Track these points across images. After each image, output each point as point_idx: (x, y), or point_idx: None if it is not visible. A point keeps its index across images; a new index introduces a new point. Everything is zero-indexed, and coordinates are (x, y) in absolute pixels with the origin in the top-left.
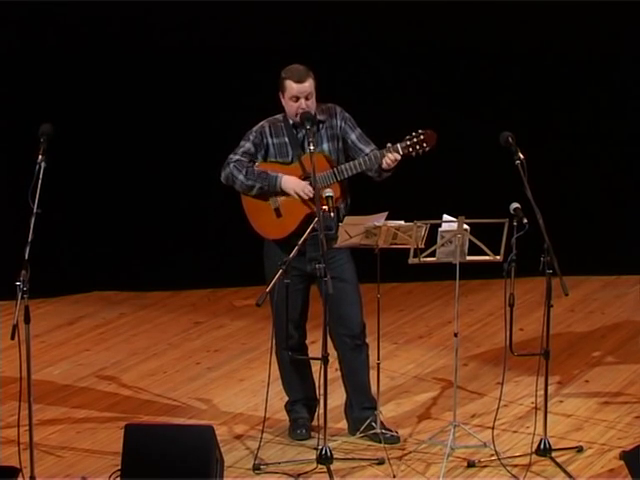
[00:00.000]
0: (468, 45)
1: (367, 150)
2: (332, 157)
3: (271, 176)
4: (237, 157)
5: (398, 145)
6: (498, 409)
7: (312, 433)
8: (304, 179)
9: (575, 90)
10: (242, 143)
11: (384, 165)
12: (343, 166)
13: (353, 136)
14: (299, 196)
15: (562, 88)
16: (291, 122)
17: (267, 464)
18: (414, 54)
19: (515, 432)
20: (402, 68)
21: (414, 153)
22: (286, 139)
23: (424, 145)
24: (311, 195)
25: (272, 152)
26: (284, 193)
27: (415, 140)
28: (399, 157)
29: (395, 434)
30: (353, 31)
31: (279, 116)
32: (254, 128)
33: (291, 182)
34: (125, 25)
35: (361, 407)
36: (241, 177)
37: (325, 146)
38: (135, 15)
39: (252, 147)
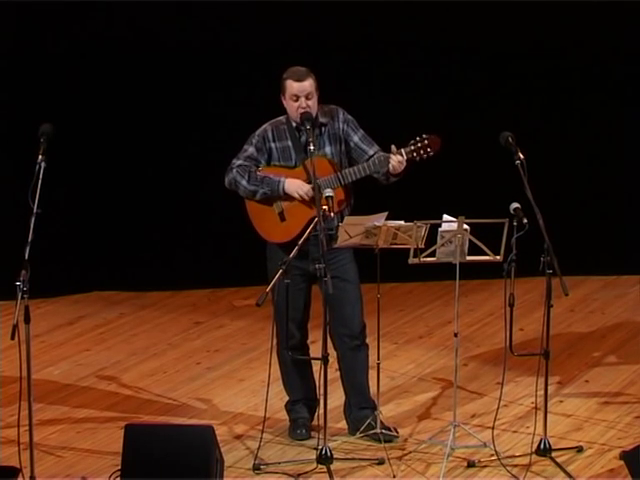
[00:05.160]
0: (468, 45)
1: (371, 152)
2: (335, 160)
3: (274, 180)
4: (240, 162)
5: (402, 150)
6: (498, 409)
7: (312, 433)
8: (308, 183)
9: (575, 90)
10: (245, 147)
11: (391, 169)
12: (347, 170)
13: (356, 138)
14: (302, 198)
15: (562, 88)
16: (294, 125)
17: (267, 464)
18: (414, 54)
19: (515, 432)
20: (402, 68)
21: (418, 158)
22: (289, 143)
23: (428, 150)
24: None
25: (275, 156)
26: (287, 197)
27: (419, 145)
28: (403, 160)
29: (394, 433)
30: (353, 32)
31: (282, 118)
32: (257, 132)
33: (294, 185)
34: (125, 25)
35: (359, 407)
36: (244, 182)
37: (328, 149)
38: (135, 15)
39: (255, 151)
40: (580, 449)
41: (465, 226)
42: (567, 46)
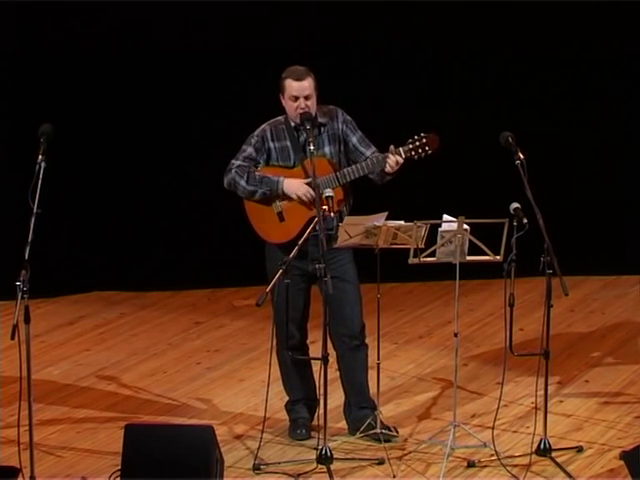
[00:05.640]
0: (468, 45)
1: (368, 153)
2: (334, 161)
3: (273, 180)
4: (239, 162)
5: (400, 149)
6: (498, 409)
7: (312, 433)
8: (307, 183)
9: (575, 90)
10: (244, 147)
11: (387, 169)
12: (346, 170)
13: (354, 139)
14: (301, 199)
15: (562, 88)
16: (292, 124)
17: (267, 464)
18: (414, 54)
19: (515, 432)
20: (402, 68)
21: (417, 157)
22: (288, 142)
23: (426, 148)
24: (313, 197)
25: (274, 156)
26: (286, 197)
27: (417, 144)
28: (402, 160)
29: (394, 433)
30: (353, 31)
31: (280, 118)
32: (255, 132)
33: (293, 185)
34: (125, 25)
35: (359, 407)
36: (243, 183)
37: (327, 149)
38: (135, 15)
39: (254, 152)
40: (580, 449)
41: (465, 226)
42: (567, 46)
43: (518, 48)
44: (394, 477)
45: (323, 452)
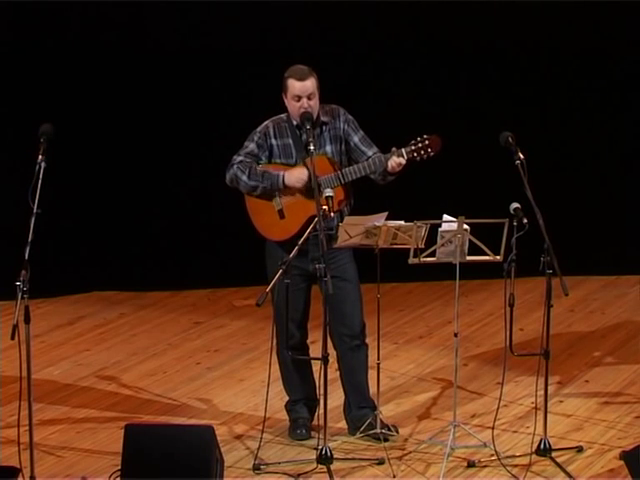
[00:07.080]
0: (468, 45)
1: (370, 153)
2: (335, 159)
3: (273, 174)
4: (240, 158)
5: (403, 150)
6: (498, 409)
7: (312, 433)
8: (308, 180)
9: (575, 90)
10: (246, 144)
11: (389, 168)
12: (347, 169)
13: (356, 138)
14: (303, 186)
15: (562, 88)
16: (295, 123)
17: (267, 464)
18: (414, 54)
19: (515, 432)
20: (402, 68)
21: (419, 158)
22: (290, 140)
23: (429, 150)
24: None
25: (276, 153)
26: (287, 193)
27: (420, 145)
28: (404, 162)
29: (394, 432)
30: (354, 32)
31: (283, 116)
32: (258, 129)
33: (293, 176)
34: (125, 25)
35: (358, 407)
36: (244, 178)
37: (328, 148)
38: (135, 15)
39: (256, 148)
40: (580, 449)
41: (465, 226)
42: (567, 46)
43: (518, 48)
44: (394, 477)
45: (323, 452)
